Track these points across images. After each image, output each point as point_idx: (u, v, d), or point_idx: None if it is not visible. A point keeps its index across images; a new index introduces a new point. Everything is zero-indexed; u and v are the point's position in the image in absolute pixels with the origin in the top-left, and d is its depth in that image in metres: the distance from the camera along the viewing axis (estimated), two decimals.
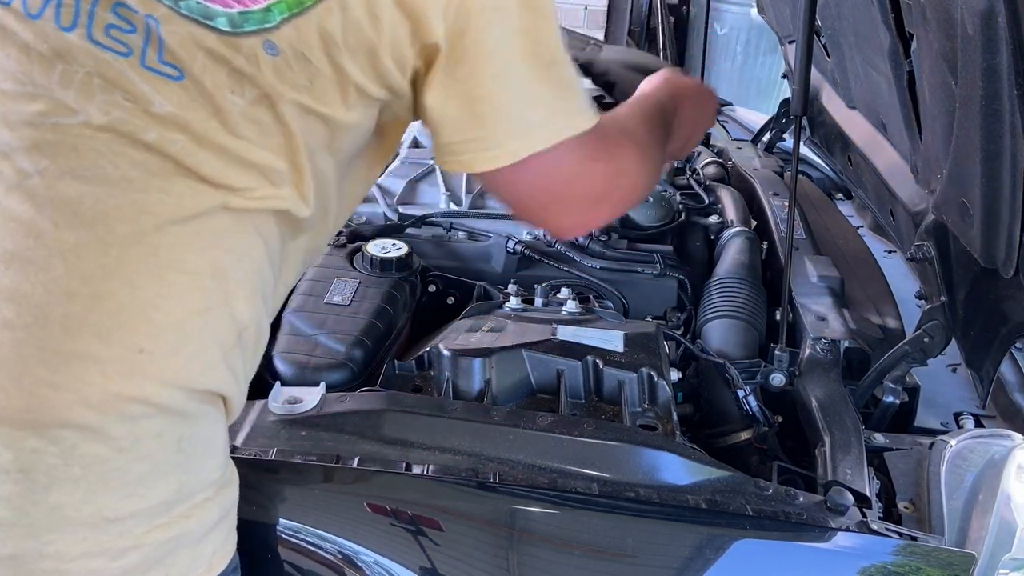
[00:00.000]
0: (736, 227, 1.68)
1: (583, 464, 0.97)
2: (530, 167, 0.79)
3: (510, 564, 0.93)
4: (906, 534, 0.93)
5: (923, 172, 1.22)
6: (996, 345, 1.08)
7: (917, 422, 1.24)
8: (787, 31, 2.03)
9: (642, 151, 0.92)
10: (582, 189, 0.85)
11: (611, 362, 1.15)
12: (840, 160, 1.77)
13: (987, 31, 0.83)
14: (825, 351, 1.26)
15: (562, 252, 1.54)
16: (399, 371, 1.17)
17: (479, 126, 0.78)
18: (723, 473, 0.99)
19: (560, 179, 0.83)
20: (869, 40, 1.32)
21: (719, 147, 2.21)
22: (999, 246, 0.98)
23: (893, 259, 1.77)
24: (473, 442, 0.98)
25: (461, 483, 0.94)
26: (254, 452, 0.95)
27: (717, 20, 4.65)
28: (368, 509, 0.94)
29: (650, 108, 1.03)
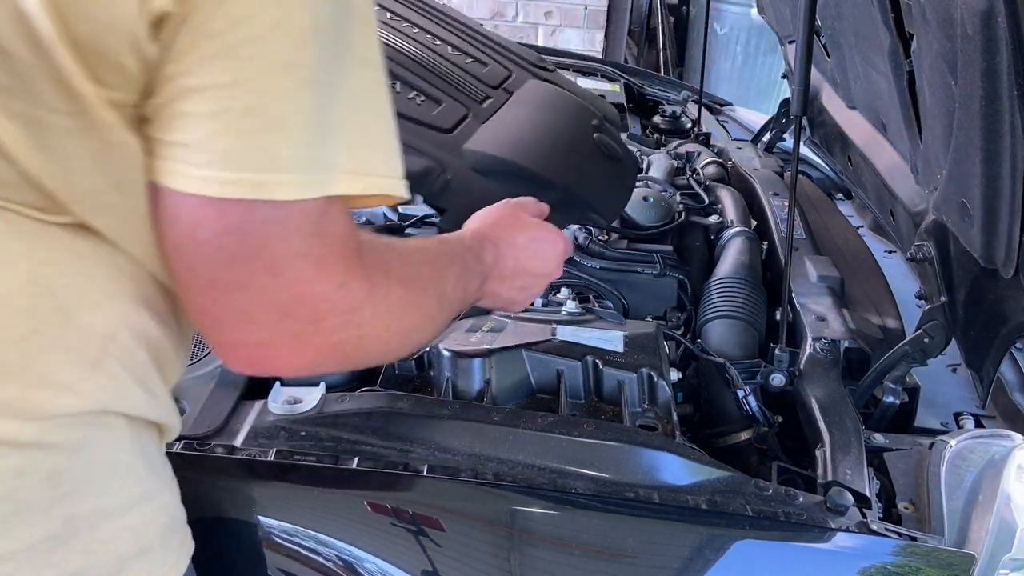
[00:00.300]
0: (736, 227, 1.68)
1: (583, 464, 0.97)
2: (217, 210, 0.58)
3: (511, 564, 0.93)
4: (906, 534, 0.93)
5: (923, 172, 1.22)
6: (996, 345, 1.08)
7: (917, 422, 1.24)
8: (787, 31, 2.03)
9: (396, 301, 0.70)
10: (288, 295, 0.61)
11: (611, 362, 1.15)
12: (840, 160, 1.77)
13: (987, 31, 0.83)
14: (825, 351, 1.26)
15: None
16: (399, 371, 1.17)
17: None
18: (723, 473, 0.99)
19: (266, 252, 0.59)
20: (869, 40, 1.32)
21: (719, 147, 2.21)
22: (999, 246, 0.98)
23: (893, 259, 1.77)
24: (473, 442, 0.98)
25: (461, 483, 0.94)
26: (253, 452, 0.95)
27: (717, 20, 4.66)
28: (368, 509, 0.94)
29: (437, 253, 0.83)
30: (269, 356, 0.65)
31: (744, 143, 2.27)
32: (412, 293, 0.73)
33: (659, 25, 4.94)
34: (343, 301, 0.64)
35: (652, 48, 5.09)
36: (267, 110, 0.58)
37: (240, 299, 0.61)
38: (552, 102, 1.52)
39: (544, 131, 1.42)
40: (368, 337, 0.68)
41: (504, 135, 1.37)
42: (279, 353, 0.65)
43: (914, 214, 1.29)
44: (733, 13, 4.65)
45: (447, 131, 1.33)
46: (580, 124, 1.49)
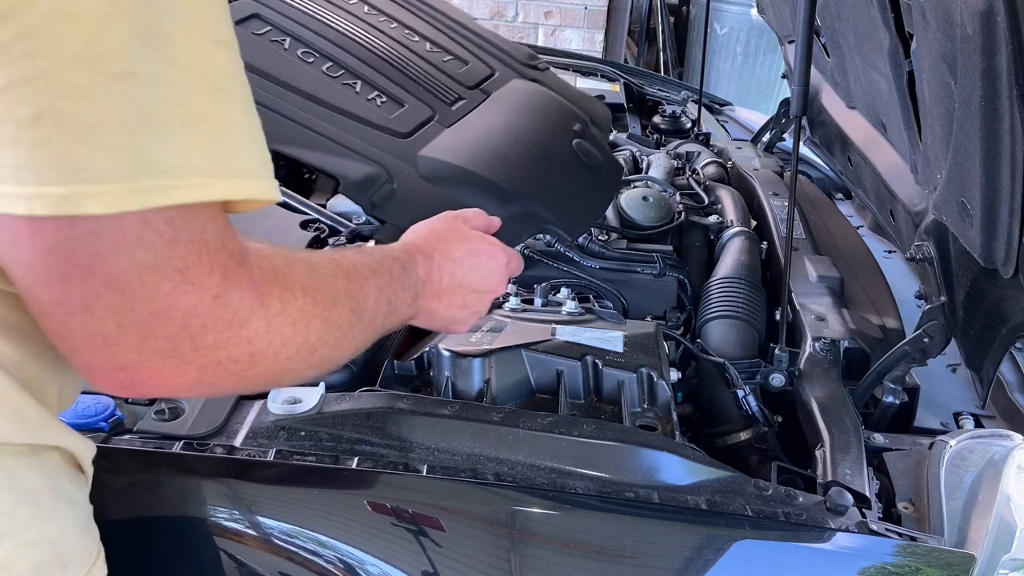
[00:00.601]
0: (736, 227, 1.68)
1: (583, 464, 0.97)
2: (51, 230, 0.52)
3: (511, 564, 0.93)
4: (906, 534, 0.93)
5: (923, 172, 1.22)
6: (996, 345, 1.08)
7: (917, 422, 1.24)
8: (787, 31, 2.03)
9: (297, 314, 0.64)
10: (144, 312, 0.55)
11: (611, 362, 1.15)
12: (840, 160, 1.77)
13: (987, 31, 0.83)
14: (825, 351, 1.26)
15: (562, 252, 1.54)
16: (398, 371, 1.17)
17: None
18: (723, 473, 0.99)
19: (99, 269, 0.53)
20: (869, 40, 1.32)
21: (719, 147, 2.21)
22: (999, 246, 0.98)
23: (893, 259, 1.77)
24: (473, 442, 0.98)
25: (461, 483, 0.94)
26: (253, 453, 0.95)
27: (717, 20, 4.66)
28: (368, 509, 0.94)
29: (354, 263, 0.75)
30: (140, 379, 0.58)
31: (744, 143, 2.27)
32: (319, 306, 0.66)
33: (659, 25, 4.95)
34: (222, 315, 0.58)
35: (652, 48, 5.09)
36: (60, 114, 0.50)
37: (89, 320, 0.55)
38: (532, 104, 1.46)
39: (515, 137, 1.35)
40: (263, 354, 0.61)
41: (466, 141, 1.30)
42: (152, 375, 0.58)
43: (914, 214, 1.29)
44: (733, 13, 4.65)
45: (403, 135, 1.27)
46: (559, 129, 1.43)
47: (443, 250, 0.89)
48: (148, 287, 0.54)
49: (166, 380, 0.59)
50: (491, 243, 0.95)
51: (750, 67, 4.76)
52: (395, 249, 0.85)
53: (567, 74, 2.63)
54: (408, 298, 0.83)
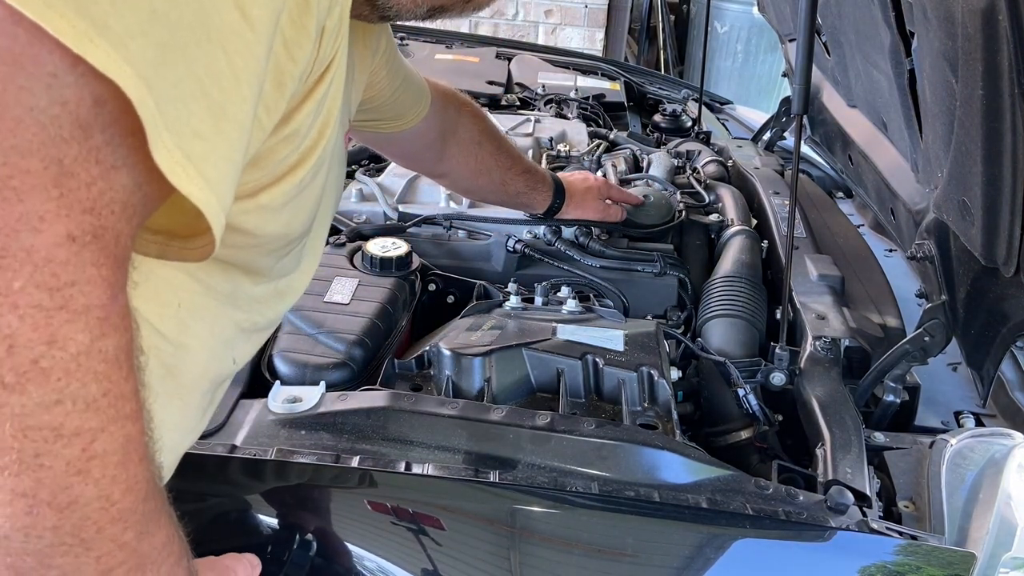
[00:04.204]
0: (737, 226, 1.68)
1: (583, 463, 0.97)
2: None
3: (511, 563, 0.93)
4: (906, 533, 0.93)
5: (924, 171, 1.22)
6: (997, 344, 1.08)
7: (917, 421, 1.24)
8: (787, 29, 2.03)
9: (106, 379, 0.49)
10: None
11: (611, 361, 1.15)
12: (841, 159, 1.77)
13: (988, 29, 0.83)
14: (825, 350, 1.26)
15: (562, 251, 1.54)
16: (399, 370, 1.17)
17: None
18: (723, 472, 0.99)
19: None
20: (870, 38, 1.32)
21: (719, 146, 2.21)
22: (1000, 245, 0.97)
23: (894, 258, 1.77)
24: (473, 441, 0.98)
25: (461, 482, 0.94)
26: (254, 451, 0.95)
27: (718, 18, 4.66)
28: (369, 508, 0.94)
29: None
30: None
31: (744, 142, 2.27)
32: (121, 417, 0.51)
33: (659, 23, 4.95)
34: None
35: (652, 46, 5.09)
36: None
37: None
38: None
39: None
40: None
41: None
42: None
43: (915, 212, 1.29)
44: (734, 11, 4.65)
45: None
46: None
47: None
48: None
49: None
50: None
51: (751, 65, 4.75)
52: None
53: (568, 73, 2.63)
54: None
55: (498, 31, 4.35)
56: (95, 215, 0.46)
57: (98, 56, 0.44)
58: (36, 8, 0.43)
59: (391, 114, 1.21)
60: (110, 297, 0.48)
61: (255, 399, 1.03)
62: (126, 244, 0.49)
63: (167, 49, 0.47)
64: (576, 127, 2.07)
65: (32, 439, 0.46)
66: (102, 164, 0.46)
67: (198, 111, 0.49)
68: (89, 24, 0.44)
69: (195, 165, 0.49)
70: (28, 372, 0.45)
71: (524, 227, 1.57)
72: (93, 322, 0.47)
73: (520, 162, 1.47)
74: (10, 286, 0.43)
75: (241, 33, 0.51)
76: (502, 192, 1.47)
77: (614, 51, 4.54)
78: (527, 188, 1.48)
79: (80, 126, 0.45)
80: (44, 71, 0.44)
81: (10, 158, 0.43)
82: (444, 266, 1.49)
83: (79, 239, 0.45)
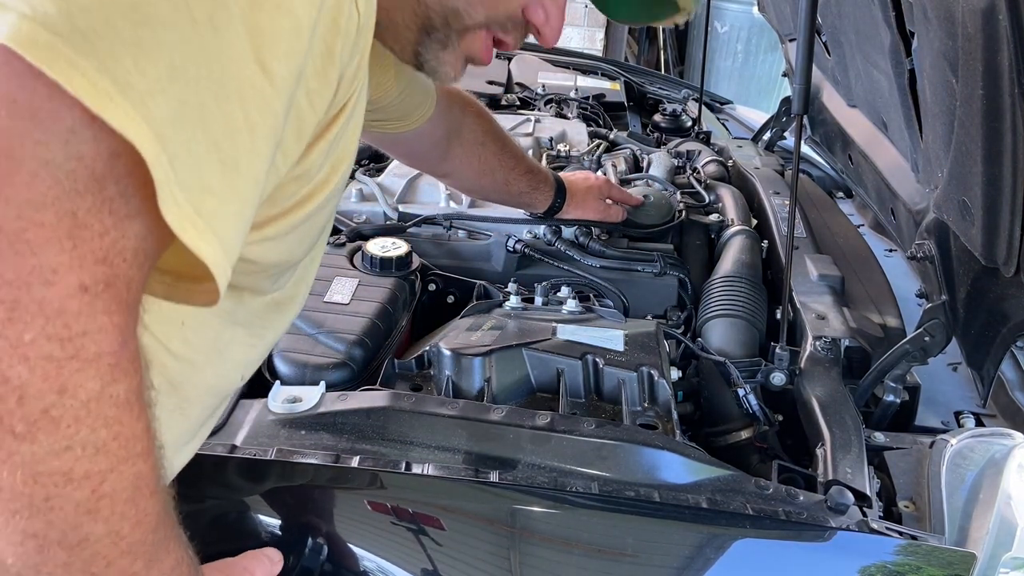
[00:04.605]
0: (737, 226, 1.68)
1: (583, 463, 0.97)
2: None
3: (511, 563, 0.93)
4: (907, 533, 0.93)
5: (924, 170, 1.22)
6: (997, 344, 1.08)
7: (918, 421, 1.24)
8: (788, 29, 2.03)
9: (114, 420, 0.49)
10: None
11: (611, 361, 1.15)
12: (841, 158, 1.77)
13: (988, 29, 0.83)
14: (826, 350, 1.26)
15: (562, 251, 1.54)
16: (399, 370, 1.17)
17: None
18: (723, 472, 0.98)
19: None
20: (870, 38, 1.32)
21: (720, 145, 2.21)
22: (1000, 245, 0.97)
23: (894, 257, 1.77)
24: (473, 441, 0.98)
25: (461, 482, 0.94)
26: (254, 451, 0.95)
27: (718, 18, 4.66)
28: (369, 508, 0.94)
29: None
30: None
31: (745, 141, 2.27)
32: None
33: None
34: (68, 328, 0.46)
35: (652, 46, 5.09)
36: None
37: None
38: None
39: None
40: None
41: None
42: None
43: (915, 212, 1.29)
44: (734, 11, 4.65)
45: None
46: None
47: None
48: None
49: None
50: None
51: (751, 65, 4.76)
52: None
53: (568, 73, 2.63)
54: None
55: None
56: (108, 264, 0.46)
57: (117, 116, 0.44)
58: (60, 68, 0.43)
59: (397, 114, 1.22)
60: (120, 343, 0.48)
61: (255, 399, 1.03)
62: (137, 289, 0.50)
63: (185, 106, 0.48)
64: (576, 127, 2.07)
65: (42, 484, 0.46)
66: (115, 214, 0.47)
67: (211, 167, 0.50)
68: (111, 82, 0.44)
69: (205, 220, 0.49)
70: (38, 421, 0.45)
71: (524, 227, 1.57)
72: (104, 369, 0.47)
73: (523, 162, 1.47)
74: (21, 338, 0.44)
75: (260, 88, 0.52)
76: (504, 192, 1.48)
77: (614, 51, 4.53)
78: (529, 188, 1.48)
79: (95, 179, 0.45)
80: (62, 126, 0.44)
81: (24, 212, 0.43)
82: (444, 266, 1.49)
83: (91, 289, 0.46)
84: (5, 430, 0.44)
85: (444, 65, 0.88)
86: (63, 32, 0.43)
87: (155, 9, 0.46)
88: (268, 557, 0.78)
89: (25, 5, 0.43)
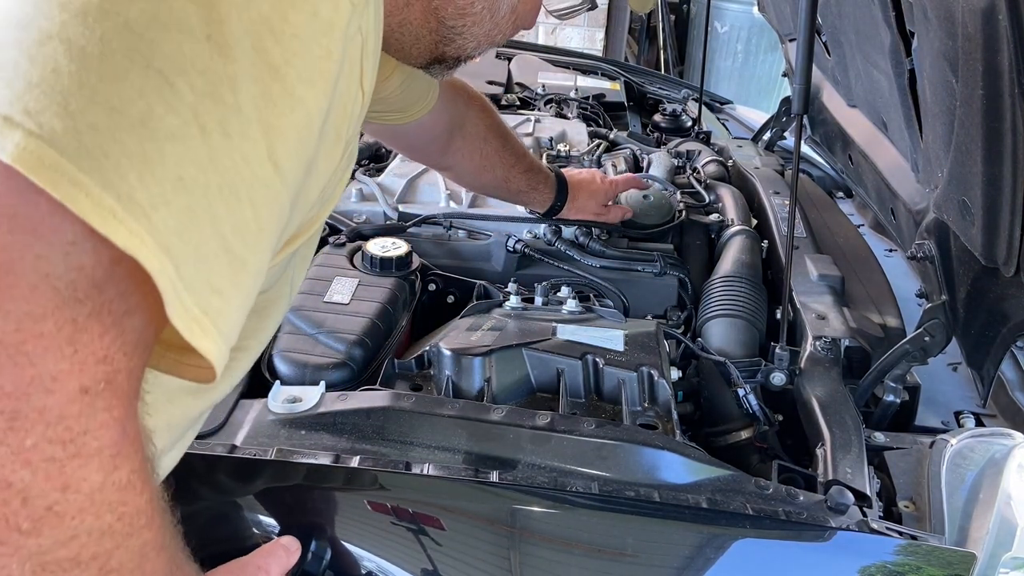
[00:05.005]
0: (737, 226, 1.68)
1: (583, 463, 0.97)
2: None
3: (511, 563, 0.93)
4: (907, 533, 0.93)
5: (924, 170, 1.22)
6: (997, 344, 1.08)
7: (918, 421, 1.24)
8: (788, 29, 2.03)
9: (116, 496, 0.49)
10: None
11: (611, 361, 1.15)
12: (841, 158, 1.77)
13: (988, 29, 0.83)
14: (826, 350, 1.26)
15: (562, 251, 1.54)
16: (399, 370, 1.17)
17: None
18: (723, 472, 0.98)
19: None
20: (870, 38, 1.32)
21: (720, 145, 2.21)
22: (1000, 245, 0.98)
23: (894, 257, 1.77)
24: (473, 441, 0.98)
25: (461, 482, 0.94)
26: (254, 451, 0.95)
27: (718, 18, 4.66)
28: (369, 508, 0.94)
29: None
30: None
31: (745, 141, 2.27)
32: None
33: (659, 23, 4.95)
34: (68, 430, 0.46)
35: (653, 46, 5.09)
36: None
37: None
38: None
39: None
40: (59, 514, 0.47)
41: None
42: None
43: (915, 212, 1.29)
44: (734, 11, 4.65)
45: None
46: None
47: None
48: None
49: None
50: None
51: (751, 65, 4.76)
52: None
53: (568, 73, 2.63)
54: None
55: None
56: (107, 363, 0.47)
57: (121, 232, 0.45)
58: (64, 189, 0.43)
59: (398, 106, 1.21)
60: (121, 433, 0.48)
61: (255, 399, 1.03)
62: (137, 377, 0.50)
63: (193, 213, 0.48)
64: (576, 127, 2.07)
65: (51, 571, 0.46)
66: (114, 314, 0.47)
67: (219, 268, 0.50)
68: (115, 200, 0.45)
69: (211, 319, 0.50)
70: (43, 518, 0.45)
71: (524, 227, 1.57)
72: (106, 460, 0.47)
73: (523, 160, 1.47)
74: (22, 444, 0.44)
75: (271, 185, 0.52)
76: (504, 189, 1.48)
77: (614, 51, 4.53)
78: (528, 187, 1.49)
79: (95, 285, 0.46)
80: (63, 239, 0.44)
81: (24, 324, 0.43)
82: (444, 266, 1.49)
83: (92, 390, 0.46)
84: (11, 528, 0.45)
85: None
86: (69, 151, 0.44)
87: (162, 123, 0.47)
88: (284, 547, 0.77)
89: (32, 122, 0.44)
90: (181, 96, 0.48)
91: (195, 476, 0.94)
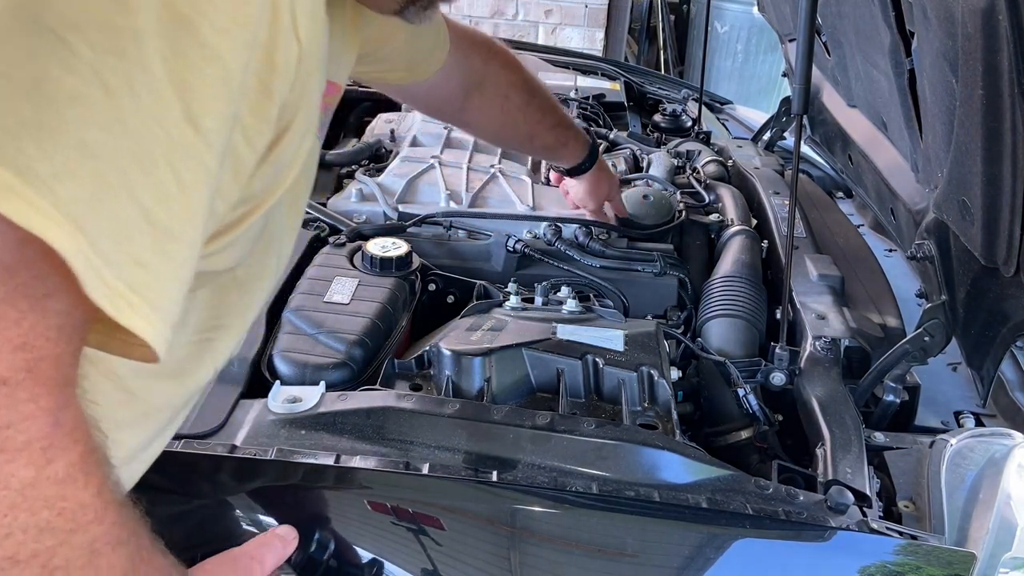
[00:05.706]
0: (737, 226, 1.68)
1: (583, 463, 0.97)
2: None
3: (511, 563, 0.94)
4: (906, 533, 0.93)
5: (924, 170, 1.22)
6: (996, 344, 1.08)
7: (917, 421, 1.24)
8: (787, 29, 2.03)
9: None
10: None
11: (611, 361, 1.15)
12: (840, 158, 1.77)
13: (988, 29, 0.83)
14: (825, 350, 1.26)
15: (562, 251, 1.54)
16: (399, 370, 1.17)
17: None
18: (723, 472, 0.99)
19: None
20: (870, 38, 1.32)
21: (719, 145, 2.21)
22: (1000, 244, 0.98)
23: (894, 257, 1.77)
24: (473, 441, 0.98)
25: (461, 482, 0.94)
26: (254, 451, 0.95)
27: (718, 18, 4.66)
28: (369, 508, 0.94)
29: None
30: None
31: (744, 141, 2.27)
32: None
33: (659, 23, 4.95)
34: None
35: (652, 46, 5.09)
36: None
37: None
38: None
39: None
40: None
41: None
42: None
43: (915, 212, 1.29)
44: (734, 11, 4.65)
45: None
46: None
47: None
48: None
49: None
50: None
51: (751, 65, 4.75)
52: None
53: (568, 73, 2.63)
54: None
55: (498, 31, 4.34)
56: (28, 350, 0.45)
57: (19, 209, 0.42)
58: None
59: (403, 63, 1.16)
60: (52, 424, 0.46)
61: (255, 399, 1.03)
62: (68, 363, 0.48)
63: (104, 181, 0.45)
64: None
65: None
66: (30, 297, 0.45)
67: (142, 239, 0.47)
68: (13, 173, 0.42)
69: (139, 294, 0.47)
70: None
71: (524, 227, 1.57)
72: (36, 454, 0.45)
73: (551, 115, 1.44)
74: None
75: (191, 146, 0.49)
76: (528, 145, 1.47)
77: (614, 51, 4.53)
78: (556, 143, 1.47)
79: (5, 269, 0.43)
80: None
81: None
82: (444, 266, 1.49)
83: (11, 380, 0.44)
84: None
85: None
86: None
87: (59, 86, 0.43)
88: (280, 537, 0.74)
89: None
90: (78, 54, 0.44)
91: (195, 476, 0.94)
